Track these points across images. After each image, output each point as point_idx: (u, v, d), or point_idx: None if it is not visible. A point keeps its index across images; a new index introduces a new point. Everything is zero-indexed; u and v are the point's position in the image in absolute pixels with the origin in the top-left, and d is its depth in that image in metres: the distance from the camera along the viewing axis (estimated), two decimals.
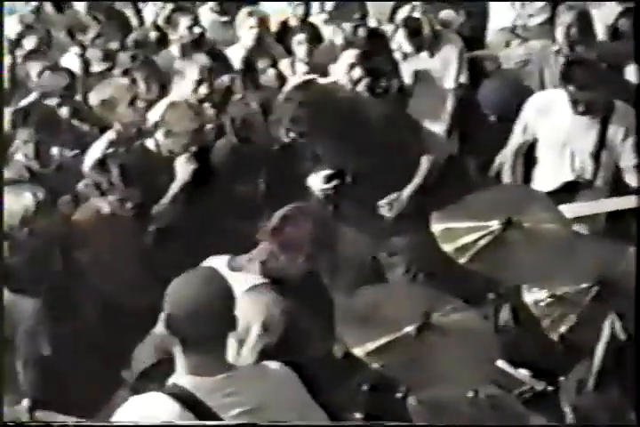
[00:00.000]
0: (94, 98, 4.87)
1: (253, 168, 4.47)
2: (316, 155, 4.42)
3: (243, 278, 2.90)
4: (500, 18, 6.29)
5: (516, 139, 4.87)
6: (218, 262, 3.00)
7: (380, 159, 4.26)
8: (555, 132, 4.69)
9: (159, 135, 4.39)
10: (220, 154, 4.52)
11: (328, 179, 4.31)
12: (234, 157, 4.51)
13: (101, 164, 4.01)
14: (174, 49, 5.76)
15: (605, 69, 4.97)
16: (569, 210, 3.89)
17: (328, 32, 6.20)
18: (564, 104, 4.60)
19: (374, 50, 5.58)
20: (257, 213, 4.23)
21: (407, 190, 4.33)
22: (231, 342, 2.63)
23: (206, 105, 4.79)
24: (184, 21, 5.73)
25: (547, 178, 4.72)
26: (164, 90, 5.09)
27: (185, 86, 4.96)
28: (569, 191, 4.63)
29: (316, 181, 4.36)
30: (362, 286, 3.15)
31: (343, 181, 4.33)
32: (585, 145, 4.62)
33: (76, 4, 6.72)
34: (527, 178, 4.88)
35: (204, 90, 4.90)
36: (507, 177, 4.89)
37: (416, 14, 5.83)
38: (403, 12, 6.04)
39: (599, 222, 4.48)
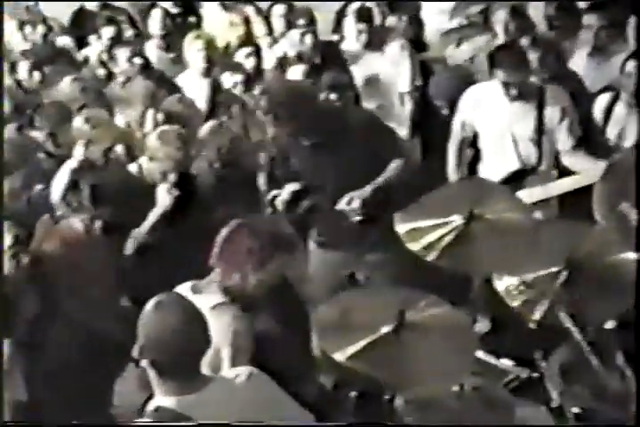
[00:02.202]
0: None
1: (237, 193, 4.47)
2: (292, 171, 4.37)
3: (205, 300, 2.92)
4: (434, 20, 6.37)
5: (455, 136, 4.89)
6: (182, 288, 3.03)
7: (359, 171, 4.22)
8: (493, 123, 4.73)
9: (143, 160, 4.44)
10: (203, 180, 4.52)
11: (293, 194, 4.29)
12: (217, 183, 4.51)
13: (74, 184, 4.03)
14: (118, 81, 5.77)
15: (540, 54, 5.00)
16: (525, 196, 3.95)
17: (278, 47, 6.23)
18: (498, 94, 4.64)
19: (326, 62, 5.64)
20: None
21: (368, 187, 4.14)
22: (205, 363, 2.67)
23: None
24: (123, 53, 5.76)
25: (492, 169, 4.75)
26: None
27: (130, 113, 4.98)
28: (515, 180, 4.64)
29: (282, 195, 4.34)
30: None
31: (304, 197, 4.30)
32: (524, 131, 4.67)
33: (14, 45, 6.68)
34: (472, 172, 4.92)
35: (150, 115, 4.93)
36: (452, 174, 4.92)
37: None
38: (348, 21, 6.07)
39: (552, 207, 4.53)
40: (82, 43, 6.83)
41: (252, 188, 4.47)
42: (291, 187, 4.24)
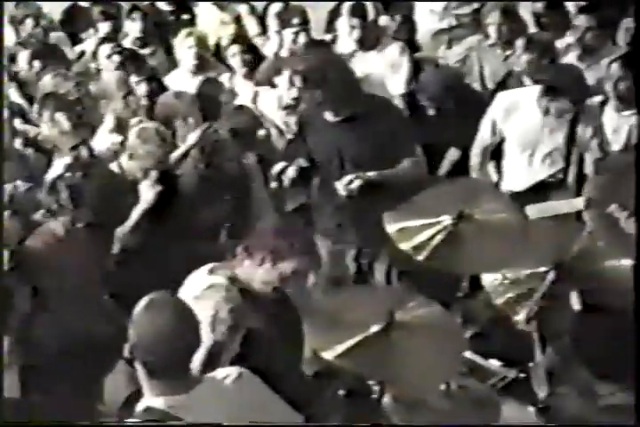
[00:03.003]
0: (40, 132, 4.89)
1: (220, 193, 4.46)
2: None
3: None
4: (425, 21, 6.38)
5: (483, 138, 4.84)
6: (202, 269, 3.12)
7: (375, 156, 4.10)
8: (524, 131, 4.68)
9: (123, 158, 4.41)
10: (187, 180, 4.51)
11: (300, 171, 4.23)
12: (201, 183, 4.49)
13: (52, 187, 4.01)
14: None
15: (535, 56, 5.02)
16: (534, 210, 3.93)
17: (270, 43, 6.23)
18: (533, 103, 4.62)
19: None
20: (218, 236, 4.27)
21: (374, 174, 4.03)
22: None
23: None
24: (104, 50, 5.76)
25: (517, 177, 4.75)
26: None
27: (116, 104, 5.00)
28: (539, 190, 4.66)
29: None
30: None
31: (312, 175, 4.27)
32: (555, 144, 4.64)
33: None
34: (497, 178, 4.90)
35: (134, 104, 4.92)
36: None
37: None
38: (342, 21, 6.07)
39: None
40: (75, 39, 6.84)
41: (237, 189, 4.47)
42: (299, 162, 4.20)
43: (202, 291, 3.02)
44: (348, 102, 4.10)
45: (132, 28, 6.42)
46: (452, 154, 5.26)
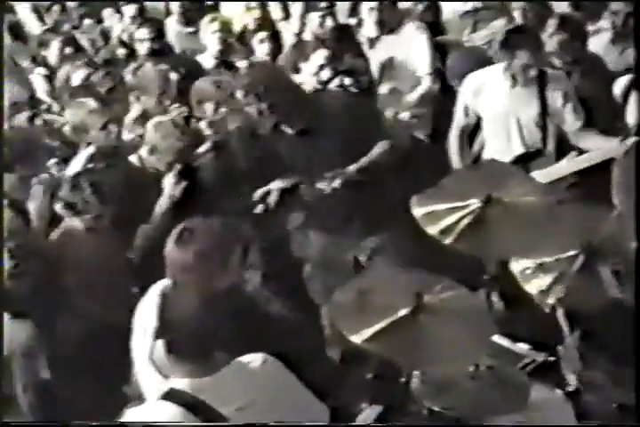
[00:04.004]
0: (66, 120, 4.89)
1: (241, 186, 4.46)
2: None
3: None
4: (449, 3, 6.32)
5: (458, 122, 4.92)
6: None
7: (346, 156, 4.20)
8: (496, 107, 4.75)
9: (143, 152, 4.39)
10: (206, 172, 4.51)
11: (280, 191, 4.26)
12: (219, 175, 4.50)
13: (74, 184, 4.01)
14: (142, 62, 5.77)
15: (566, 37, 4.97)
16: (540, 177, 3.95)
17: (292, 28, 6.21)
18: (499, 79, 4.68)
19: (343, 46, 5.61)
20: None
21: (352, 167, 4.17)
22: None
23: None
24: (145, 34, 5.75)
25: (497, 155, 4.75)
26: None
27: (148, 100, 5.00)
28: (520, 163, 4.66)
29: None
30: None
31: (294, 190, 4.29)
32: (528, 115, 4.69)
33: (30, 29, 6.73)
34: (476, 159, 4.95)
35: (167, 102, 4.92)
36: (455, 161, 4.94)
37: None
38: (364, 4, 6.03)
39: (560, 191, 4.52)
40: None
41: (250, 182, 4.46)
42: (277, 184, 4.23)
43: None
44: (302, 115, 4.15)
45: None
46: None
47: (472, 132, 4.97)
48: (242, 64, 5.52)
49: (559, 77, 4.73)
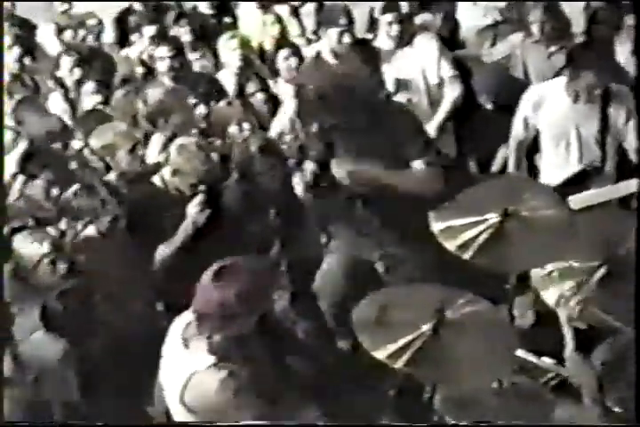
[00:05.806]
0: (95, 142, 4.90)
1: (264, 209, 4.43)
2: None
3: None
4: (468, 17, 6.33)
5: (516, 135, 4.86)
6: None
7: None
8: (555, 123, 4.69)
9: (166, 173, 4.39)
10: (229, 195, 4.51)
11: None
12: (243, 197, 4.48)
13: (90, 190, 4.05)
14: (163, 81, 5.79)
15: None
16: (577, 200, 3.90)
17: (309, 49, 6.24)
18: (561, 94, 4.61)
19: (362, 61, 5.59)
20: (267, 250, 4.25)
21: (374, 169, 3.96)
22: None
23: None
24: (164, 52, 5.76)
25: (554, 170, 4.72)
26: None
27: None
28: (578, 181, 4.63)
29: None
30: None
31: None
32: (588, 132, 4.62)
33: (49, 49, 6.78)
34: (533, 172, 4.89)
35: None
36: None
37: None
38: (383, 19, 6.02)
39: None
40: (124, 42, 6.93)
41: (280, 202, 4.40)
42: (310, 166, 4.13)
43: None
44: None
45: (181, 33, 6.44)
46: (505, 151, 5.23)
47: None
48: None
49: (624, 94, 4.63)
